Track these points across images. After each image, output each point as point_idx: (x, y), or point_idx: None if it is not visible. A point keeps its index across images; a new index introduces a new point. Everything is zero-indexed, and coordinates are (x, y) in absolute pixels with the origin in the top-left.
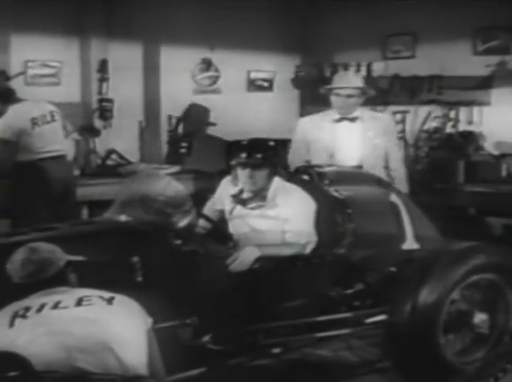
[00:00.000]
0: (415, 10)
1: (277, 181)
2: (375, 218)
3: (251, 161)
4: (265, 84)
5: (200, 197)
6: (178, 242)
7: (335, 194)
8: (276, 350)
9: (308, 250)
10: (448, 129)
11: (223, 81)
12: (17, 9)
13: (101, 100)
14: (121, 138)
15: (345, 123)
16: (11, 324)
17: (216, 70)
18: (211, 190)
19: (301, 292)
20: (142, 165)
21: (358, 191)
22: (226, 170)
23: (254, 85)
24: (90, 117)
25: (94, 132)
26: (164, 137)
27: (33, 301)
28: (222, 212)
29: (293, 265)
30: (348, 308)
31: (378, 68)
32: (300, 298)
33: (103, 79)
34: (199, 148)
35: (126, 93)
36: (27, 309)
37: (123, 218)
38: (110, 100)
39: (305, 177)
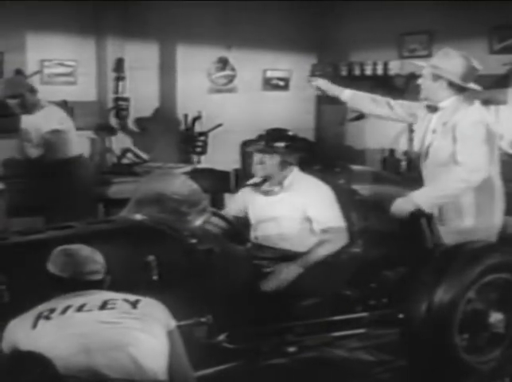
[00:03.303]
0: (431, 9)
1: (295, 172)
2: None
3: (261, 147)
4: (281, 83)
5: (215, 196)
6: (193, 241)
7: (352, 192)
8: (291, 349)
9: (342, 241)
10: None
11: (239, 80)
12: (33, 9)
13: (117, 99)
14: (137, 136)
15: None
16: (34, 325)
17: (232, 69)
18: (226, 189)
19: (317, 291)
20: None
21: (376, 190)
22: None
23: (270, 84)
24: (106, 116)
25: (110, 131)
26: (180, 135)
27: (59, 303)
28: (244, 207)
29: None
30: (364, 307)
31: (394, 66)
32: (315, 297)
33: (119, 78)
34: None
35: (142, 92)
36: (52, 310)
37: (139, 217)
38: (126, 99)
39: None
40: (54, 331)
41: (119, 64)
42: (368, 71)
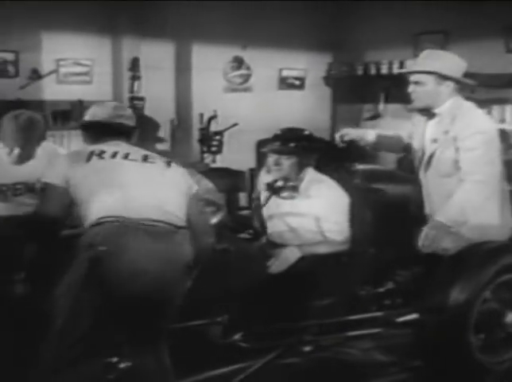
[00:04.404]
0: (446, 8)
1: (312, 173)
2: (407, 216)
3: (278, 148)
4: (297, 82)
5: (230, 195)
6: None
7: (367, 192)
8: (306, 349)
9: (345, 246)
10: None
11: (255, 79)
12: (48, 8)
13: (132, 98)
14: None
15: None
16: (88, 159)
17: (248, 68)
18: (241, 188)
19: (331, 290)
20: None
21: (391, 189)
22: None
23: (285, 83)
24: None
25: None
26: (196, 135)
27: (107, 146)
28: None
29: (323, 263)
30: (378, 307)
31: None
32: (330, 297)
33: (135, 78)
34: None
35: (158, 91)
36: (102, 151)
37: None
38: (141, 98)
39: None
40: (104, 171)
41: (135, 64)
42: (384, 70)
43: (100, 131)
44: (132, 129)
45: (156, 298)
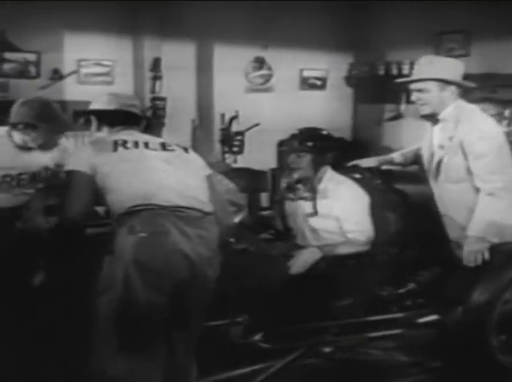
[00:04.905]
0: (468, 8)
1: (331, 174)
2: (429, 216)
3: (294, 147)
4: (318, 83)
5: (252, 196)
6: (230, 240)
7: (388, 192)
8: (327, 349)
9: (367, 246)
10: (503, 128)
11: (276, 79)
12: (70, 8)
13: (154, 99)
14: (173, 136)
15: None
16: (115, 149)
17: (269, 68)
18: (263, 188)
19: (352, 291)
20: None
21: (412, 190)
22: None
23: (306, 83)
24: None
25: (146, 130)
26: (217, 135)
27: (125, 136)
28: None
29: (345, 264)
30: (400, 308)
31: None
32: (351, 297)
33: (156, 78)
34: None
35: (179, 91)
36: (125, 141)
37: None
38: (162, 99)
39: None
40: (134, 161)
41: (156, 64)
42: (405, 70)
43: (114, 119)
44: (141, 118)
45: (196, 283)
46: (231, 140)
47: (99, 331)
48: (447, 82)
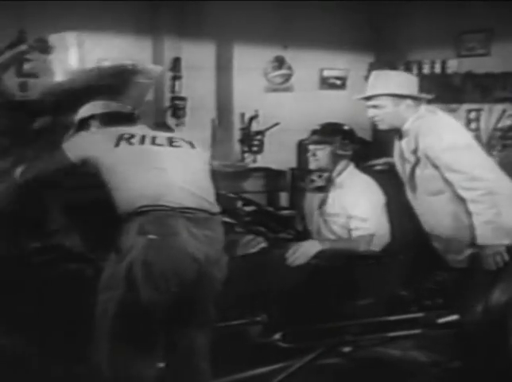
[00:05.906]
0: (489, 7)
1: (351, 169)
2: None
3: (314, 139)
4: (338, 82)
5: (271, 195)
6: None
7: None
8: (346, 349)
9: (371, 244)
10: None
11: (296, 79)
12: (89, 8)
13: (174, 98)
14: (193, 135)
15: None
16: (117, 144)
17: (289, 68)
18: (282, 188)
19: (372, 291)
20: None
21: None
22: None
23: (326, 83)
24: (162, 115)
25: (167, 130)
26: (237, 135)
27: (136, 130)
28: None
29: (364, 263)
30: (419, 308)
31: (452, 65)
32: (370, 297)
33: (176, 78)
34: None
35: (199, 91)
36: (131, 136)
37: None
38: (182, 98)
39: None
40: (138, 159)
41: (176, 64)
42: (426, 69)
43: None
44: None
45: (203, 285)
46: (251, 140)
47: (97, 330)
48: (400, 96)
